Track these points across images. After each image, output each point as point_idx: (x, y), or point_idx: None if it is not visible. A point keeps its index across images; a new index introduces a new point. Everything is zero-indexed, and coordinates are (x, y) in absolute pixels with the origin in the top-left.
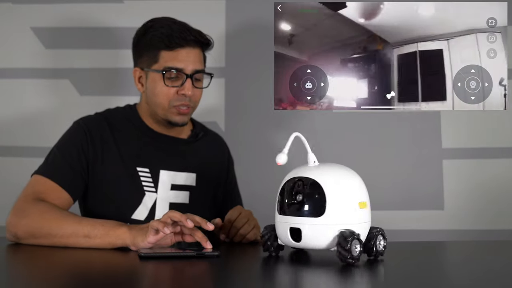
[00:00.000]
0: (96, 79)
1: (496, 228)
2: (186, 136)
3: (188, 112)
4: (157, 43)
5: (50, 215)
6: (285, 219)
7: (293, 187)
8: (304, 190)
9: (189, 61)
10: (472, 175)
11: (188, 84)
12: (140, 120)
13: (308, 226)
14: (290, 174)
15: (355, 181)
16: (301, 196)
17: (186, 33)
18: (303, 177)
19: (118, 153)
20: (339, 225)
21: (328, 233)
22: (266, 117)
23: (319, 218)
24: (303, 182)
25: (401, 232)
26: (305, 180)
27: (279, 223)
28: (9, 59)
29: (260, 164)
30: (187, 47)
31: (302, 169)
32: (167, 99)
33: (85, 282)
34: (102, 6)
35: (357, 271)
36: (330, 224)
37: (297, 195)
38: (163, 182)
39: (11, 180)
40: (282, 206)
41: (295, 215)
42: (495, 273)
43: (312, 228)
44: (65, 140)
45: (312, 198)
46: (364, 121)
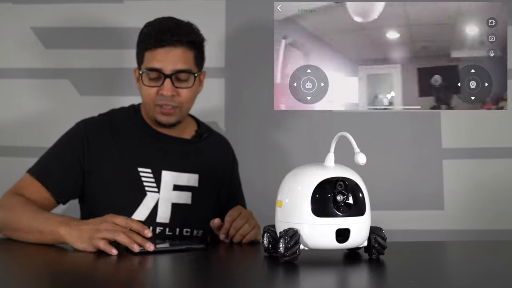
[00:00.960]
0: (96, 79)
1: (496, 228)
2: (189, 137)
3: (172, 112)
4: (141, 43)
5: (16, 210)
6: (328, 220)
7: (334, 188)
8: (348, 190)
9: (168, 61)
10: (472, 175)
11: (167, 84)
12: (142, 120)
13: (356, 226)
14: (317, 174)
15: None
16: (346, 197)
17: (165, 33)
18: (344, 177)
19: (119, 155)
20: (370, 222)
21: (366, 230)
22: (266, 117)
23: (363, 217)
24: (344, 182)
25: (401, 232)
26: (345, 180)
27: (316, 225)
28: (9, 59)
29: (260, 164)
30: (166, 47)
31: (331, 169)
32: (150, 99)
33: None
34: (102, 6)
35: (358, 271)
36: (368, 222)
37: (340, 195)
38: (166, 182)
39: (11, 180)
40: (322, 208)
41: (343, 216)
42: (495, 273)
43: (358, 227)
44: (61, 142)
45: (357, 198)
46: (364, 121)
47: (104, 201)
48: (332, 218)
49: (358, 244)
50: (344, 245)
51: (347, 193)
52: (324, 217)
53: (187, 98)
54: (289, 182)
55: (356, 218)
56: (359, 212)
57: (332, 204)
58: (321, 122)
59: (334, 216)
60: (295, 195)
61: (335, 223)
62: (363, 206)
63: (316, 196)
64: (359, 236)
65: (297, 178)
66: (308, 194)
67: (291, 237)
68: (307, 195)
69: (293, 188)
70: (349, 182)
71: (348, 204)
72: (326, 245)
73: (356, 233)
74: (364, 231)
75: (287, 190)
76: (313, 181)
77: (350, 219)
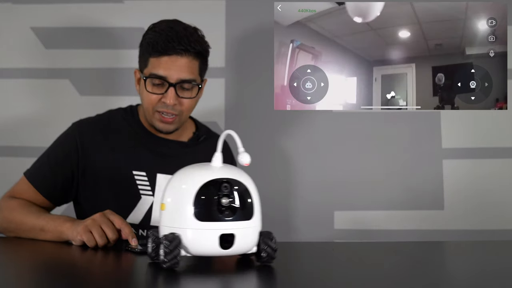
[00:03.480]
0: (96, 79)
1: (496, 228)
2: (187, 139)
3: (172, 121)
4: (147, 48)
5: (17, 211)
6: (211, 225)
7: (219, 190)
8: (234, 193)
9: (173, 70)
10: (472, 175)
11: (170, 93)
12: (139, 123)
13: (241, 231)
14: (201, 175)
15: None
16: (233, 199)
17: (174, 42)
18: (230, 179)
19: (113, 157)
20: (259, 227)
21: (255, 235)
22: (266, 117)
23: (250, 221)
24: (231, 184)
25: (401, 232)
26: (232, 182)
27: (198, 230)
28: (9, 59)
29: (260, 164)
30: (173, 55)
31: (217, 170)
32: (151, 105)
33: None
34: (102, 6)
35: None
36: (256, 226)
37: (225, 198)
38: (160, 185)
39: (11, 180)
40: (205, 211)
41: (227, 220)
42: (495, 273)
43: (244, 232)
44: (56, 145)
45: (244, 202)
46: (364, 121)
47: (99, 203)
48: (215, 222)
49: (245, 250)
50: (229, 252)
51: (233, 196)
52: (207, 222)
53: (188, 107)
54: (173, 183)
55: (242, 222)
56: (246, 216)
57: (216, 208)
58: (321, 122)
59: (218, 220)
60: (178, 198)
61: (219, 227)
62: (250, 209)
63: (199, 198)
64: (245, 242)
65: (181, 179)
66: (191, 196)
67: (170, 242)
68: (189, 198)
69: (176, 191)
70: (236, 184)
71: (234, 208)
72: (209, 252)
73: (242, 239)
74: (251, 237)
75: (170, 192)
76: (196, 182)
77: (235, 223)
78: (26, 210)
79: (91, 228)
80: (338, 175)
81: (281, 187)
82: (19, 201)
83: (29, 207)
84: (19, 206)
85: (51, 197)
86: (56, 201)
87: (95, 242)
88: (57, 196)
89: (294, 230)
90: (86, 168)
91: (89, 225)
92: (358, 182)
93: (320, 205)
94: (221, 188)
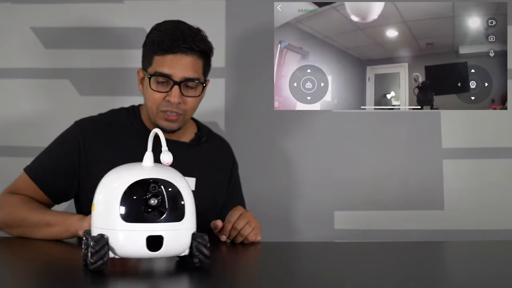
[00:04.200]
0: (96, 79)
1: (496, 228)
2: (188, 140)
3: (176, 119)
4: (152, 46)
5: (20, 207)
6: (138, 226)
7: (147, 190)
8: (162, 193)
9: (178, 68)
10: (472, 175)
11: (175, 91)
12: (141, 122)
13: (171, 233)
14: (129, 174)
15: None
16: (160, 200)
17: (179, 40)
18: (158, 179)
19: (115, 156)
20: (192, 228)
21: (186, 237)
22: (266, 117)
23: (180, 223)
24: (158, 184)
25: (401, 232)
26: (161, 182)
27: (125, 231)
28: (9, 59)
29: (260, 164)
30: (178, 54)
31: (147, 170)
32: (154, 104)
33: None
34: (102, 6)
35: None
36: (188, 228)
37: (153, 199)
38: None
39: (11, 180)
40: (132, 212)
41: (155, 221)
42: (495, 273)
43: (174, 234)
44: (57, 142)
45: (174, 202)
46: (364, 121)
47: None
48: (142, 224)
49: (176, 252)
50: (157, 254)
51: (162, 196)
52: (134, 223)
53: (192, 106)
54: (102, 183)
55: (171, 224)
56: (176, 217)
57: (142, 208)
58: (321, 122)
59: (145, 222)
60: (106, 198)
61: (146, 229)
62: (182, 210)
63: (126, 199)
64: (175, 244)
65: (110, 179)
66: (118, 196)
67: (96, 242)
68: (116, 198)
69: (104, 190)
70: (166, 184)
71: (162, 209)
72: (136, 254)
73: (171, 241)
74: (182, 238)
75: (100, 192)
76: (124, 182)
77: (164, 225)
78: (29, 206)
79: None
80: (338, 175)
81: (281, 187)
82: (21, 197)
83: (31, 203)
84: (21, 202)
85: (52, 194)
86: (56, 199)
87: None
88: (58, 193)
89: (294, 230)
90: (87, 166)
91: None
92: (358, 182)
93: (320, 205)
94: (149, 189)
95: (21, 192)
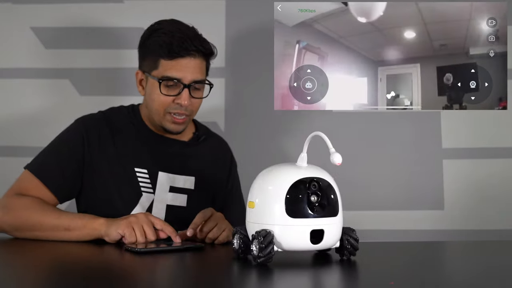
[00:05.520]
0: (96, 79)
1: (496, 228)
2: (187, 139)
3: (183, 121)
4: (158, 50)
5: (32, 209)
6: (302, 221)
7: (308, 188)
8: (322, 191)
9: (188, 71)
10: (472, 175)
11: (185, 94)
12: (141, 121)
13: (329, 227)
14: (290, 174)
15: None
16: (320, 197)
17: (187, 43)
18: (317, 178)
19: (116, 153)
20: (342, 223)
21: (340, 231)
22: (266, 117)
23: (336, 217)
24: (318, 183)
25: (401, 232)
26: (319, 181)
27: (290, 226)
28: (9, 59)
29: (260, 164)
30: (187, 57)
31: (305, 170)
32: (162, 107)
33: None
34: (102, 6)
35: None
36: (340, 223)
37: (313, 196)
38: (161, 183)
39: (11, 180)
40: (297, 208)
41: (317, 216)
42: (495, 273)
43: (332, 228)
44: (61, 139)
45: (331, 199)
46: (364, 121)
47: (101, 199)
48: (306, 219)
49: (331, 245)
50: (318, 246)
51: (321, 194)
52: (298, 218)
53: (198, 107)
54: (261, 182)
55: (329, 219)
56: (332, 212)
57: (306, 205)
58: (321, 122)
59: (308, 217)
60: (269, 196)
61: (310, 224)
62: (336, 206)
63: (290, 196)
64: (332, 237)
65: (270, 178)
66: (282, 194)
67: (264, 238)
68: (281, 196)
69: (266, 189)
70: (322, 182)
71: (322, 205)
72: (300, 247)
73: (329, 234)
74: (337, 232)
75: (260, 191)
76: (287, 181)
77: (324, 219)
78: (43, 209)
79: (133, 225)
80: (338, 175)
81: None
82: (31, 198)
83: (44, 205)
84: (33, 204)
85: (59, 193)
86: (62, 197)
87: (135, 239)
88: (65, 191)
89: None
90: (91, 163)
91: (132, 222)
92: (358, 182)
93: None
94: (310, 187)
95: (28, 193)
